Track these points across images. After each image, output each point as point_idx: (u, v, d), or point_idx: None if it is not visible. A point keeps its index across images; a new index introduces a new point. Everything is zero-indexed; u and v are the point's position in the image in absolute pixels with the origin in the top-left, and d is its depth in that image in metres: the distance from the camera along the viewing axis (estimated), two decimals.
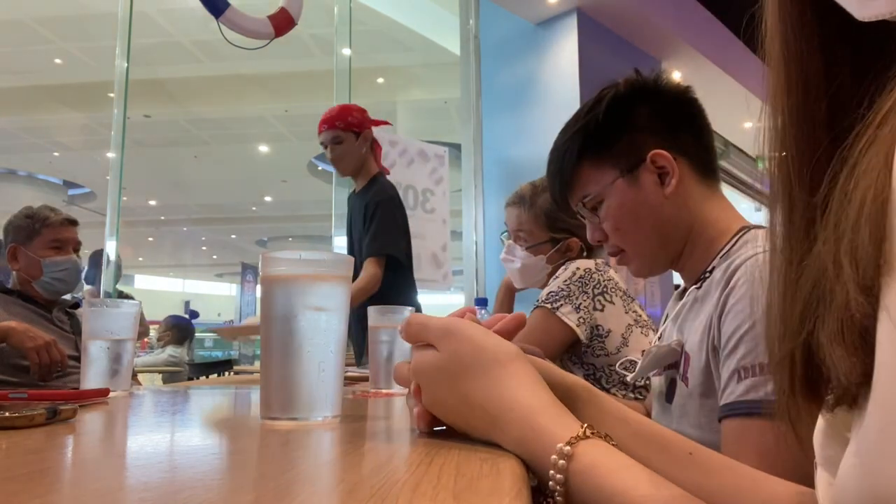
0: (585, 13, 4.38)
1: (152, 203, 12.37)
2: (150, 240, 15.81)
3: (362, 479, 0.36)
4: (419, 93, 7.41)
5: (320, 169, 9.58)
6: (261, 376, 0.61)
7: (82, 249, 2.10)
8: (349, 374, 1.38)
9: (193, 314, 8.24)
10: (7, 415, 0.53)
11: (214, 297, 21.39)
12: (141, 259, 18.33)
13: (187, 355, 5.05)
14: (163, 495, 0.32)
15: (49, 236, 1.98)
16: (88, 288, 4.03)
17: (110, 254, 3.56)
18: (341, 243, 2.90)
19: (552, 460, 0.38)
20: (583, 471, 0.37)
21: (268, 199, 12.58)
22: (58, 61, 6.86)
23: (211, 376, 4.68)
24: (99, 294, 3.60)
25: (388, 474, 0.36)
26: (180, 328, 5.06)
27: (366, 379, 1.20)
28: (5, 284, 2.01)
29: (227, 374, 4.80)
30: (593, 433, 0.40)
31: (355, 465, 0.41)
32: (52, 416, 0.56)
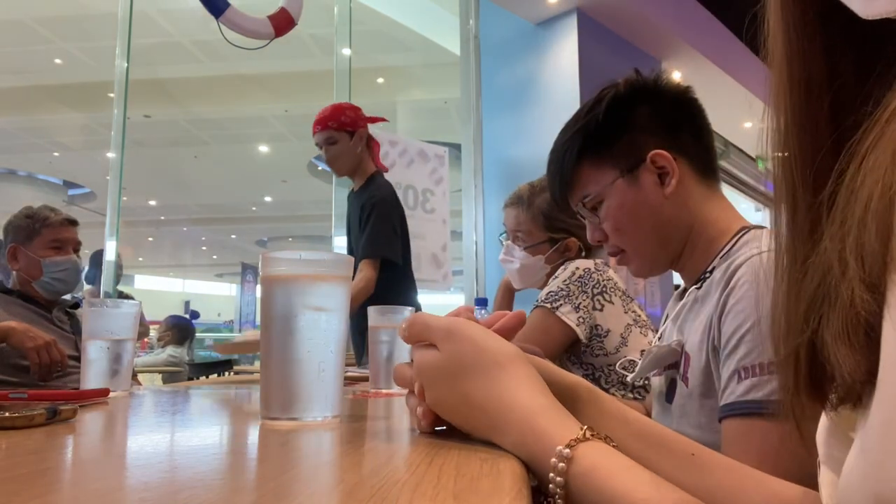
0: (585, 13, 4.38)
1: (152, 203, 12.37)
2: (150, 240, 15.81)
3: (362, 479, 0.36)
4: (419, 93, 7.41)
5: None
6: (261, 376, 0.61)
7: (82, 249, 2.10)
8: (349, 374, 1.38)
9: (194, 314, 8.24)
10: (7, 415, 0.53)
11: (214, 298, 21.39)
12: (141, 259, 18.33)
13: (187, 355, 5.05)
14: (163, 495, 0.32)
15: (49, 236, 1.98)
16: (88, 288, 4.03)
17: (110, 254, 3.56)
18: (341, 243, 2.90)
19: (552, 463, 0.38)
20: (583, 473, 0.37)
21: (268, 199, 12.57)
22: (58, 61, 6.85)
23: (211, 376, 4.68)
24: (99, 294, 3.60)
25: (388, 474, 0.36)
26: (180, 328, 5.06)
27: (366, 379, 1.20)
28: (5, 284, 2.01)
29: (227, 374, 4.80)
30: (593, 435, 0.39)
31: (355, 465, 0.41)
32: (52, 416, 0.56)
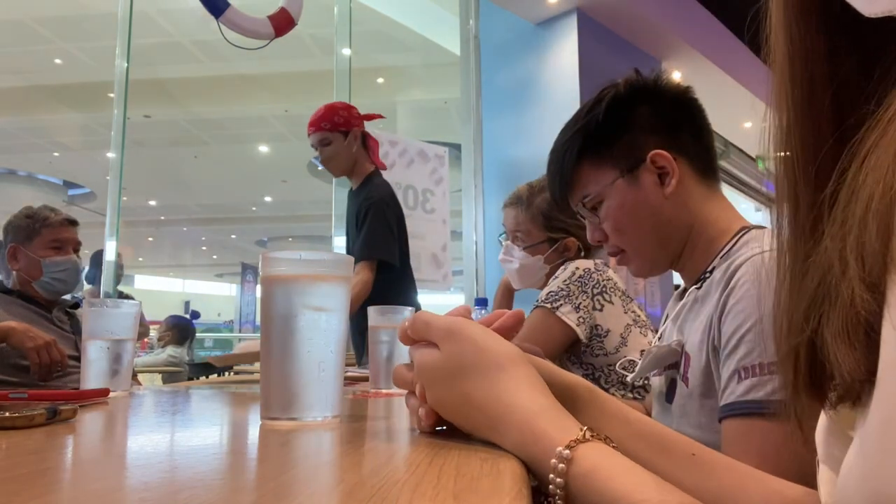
0: (585, 13, 4.38)
1: (152, 203, 12.36)
2: (150, 240, 15.80)
3: (362, 479, 0.36)
4: (419, 93, 7.40)
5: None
6: (261, 376, 0.61)
7: (82, 249, 2.10)
8: (349, 374, 1.38)
9: (195, 315, 8.24)
10: (7, 415, 0.53)
11: (214, 298, 21.38)
12: (141, 259, 18.33)
13: (187, 355, 5.04)
14: (163, 495, 0.32)
15: (49, 236, 1.98)
16: (88, 288, 4.03)
17: (110, 254, 3.56)
18: (341, 243, 2.89)
19: (552, 464, 0.38)
20: (583, 474, 0.37)
21: (268, 199, 12.57)
22: (58, 61, 6.85)
23: (211, 376, 4.68)
24: (99, 294, 3.60)
25: (388, 474, 0.36)
26: (180, 328, 5.06)
27: (366, 379, 1.20)
28: (5, 284, 2.01)
29: (227, 374, 4.79)
30: (593, 436, 0.39)
31: (355, 465, 0.41)
32: (52, 416, 0.56)
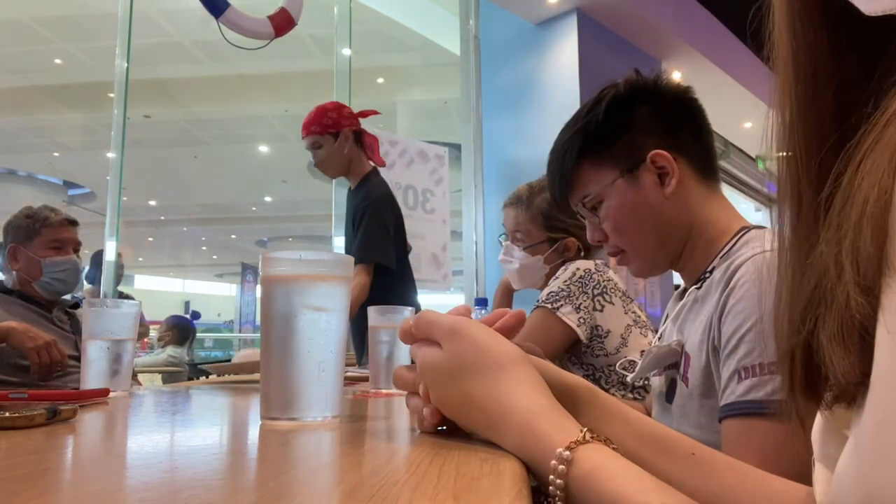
0: (585, 13, 4.38)
1: (152, 203, 12.36)
2: (150, 240, 15.79)
3: (362, 479, 0.36)
4: (419, 93, 7.40)
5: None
6: (261, 376, 0.61)
7: (83, 249, 2.10)
8: (349, 374, 1.38)
9: (195, 315, 8.23)
10: (7, 415, 0.53)
11: (214, 298, 21.37)
12: (141, 259, 18.32)
13: (188, 356, 5.04)
14: (163, 495, 0.32)
15: (49, 236, 1.98)
16: (88, 287, 4.03)
17: (110, 254, 3.56)
18: (341, 243, 2.89)
19: (552, 465, 0.38)
20: (583, 476, 0.37)
21: (268, 199, 12.56)
22: (58, 61, 6.85)
23: (211, 376, 4.67)
24: (99, 294, 3.60)
25: (388, 475, 0.36)
26: (180, 328, 5.06)
27: (366, 379, 1.20)
28: (5, 284, 2.01)
29: (227, 374, 4.79)
30: (594, 437, 0.39)
31: (355, 465, 0.41)
32: (52, 416, 0.56)
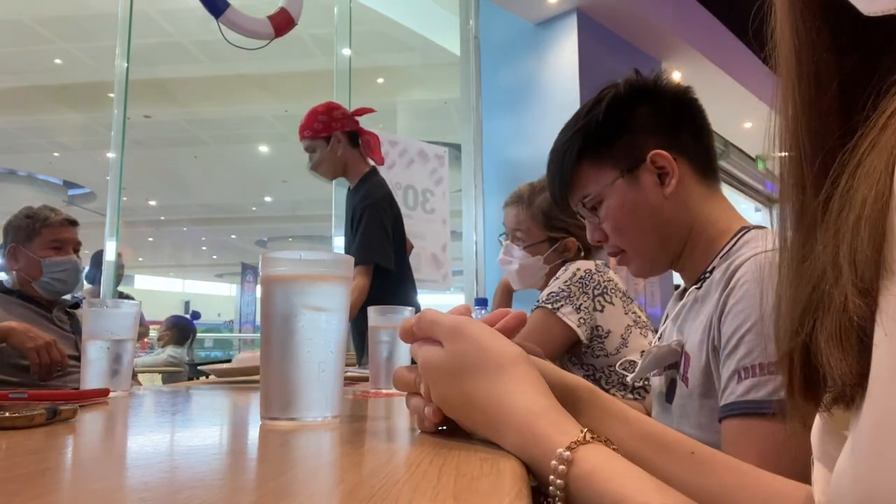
0: (585, 13, 4.38)
1: (152, 203, 12.35)
2: (150, 240, 15.79)
3: (362, 479, 0.36)
4: (419, 93, 7.39)
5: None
6: (261, 376, 0.60)
7: (83, 249, 2.10)
8: (349, 374, 1.38)
9: (195, 315, 8.22)
10: (7, 415, 0.53)
11: (214, 298, 21.36)
12: (141, 259, 18.31)
13: (188, 356, 5.04)
14: (163, 495, 0.32)
15: (49, 236, 1.98)
16: (88, 287, 4.03)
17: (110, 254, 3.56)
18: (341, 243, 2.89)
19: (552, 465, 0.38)
20: (583, 476, 0.37)
21: (268, 199, 12.56)
22: (58, 61, 6.84)
23: (211, 376, 4.67)
24: (99, 294, 3.60)
25: (388, 475, 0.36)
26: (180, 328, 5.06)
27: (366, 379, 1.20)
28: (5, 284, 2.01)
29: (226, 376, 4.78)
30: (594, 438, 0.39)
31: (355, 465, 0.41)
32: (52, 416, 0.56)
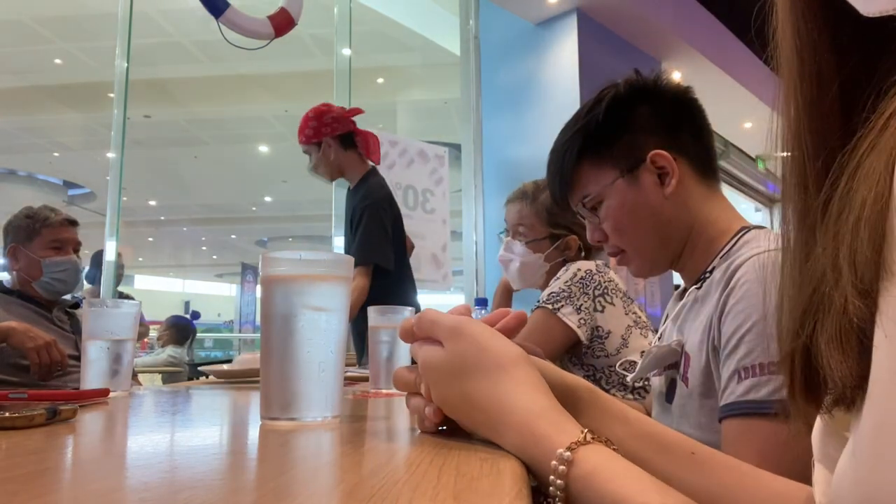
0: (585, 13, 4.38)
1: (152, 203, 12.35)
2: (150, 240, 15.79)
3: (362, 479, 0.36)
4: (419, 93, 7.39)
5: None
6: (261, 376, 0.60)
7: (83, 249, 2.10)
8: (349, 374, 1.38)
9: (195, 315, 8.23)
10: (7, 415, 0.53)
11: (214, 298, 21.35)
12: (141, 259, 18.31)
13: (187, 356, 5.04)
14: (163, 495, 0.32)
15: (49, 236, 1.98)
16: (88, 287, 4.03)
17: (110, 254, 3.56)
18: (341, 243, 2.90)
19: (552, 465, 0.38)
20: (584, 476, 0.37)
21: (268, 199, 12.56)
22: (58, 61, 6.84)
23: (211, 377, 4.66)
24: (99, 294, 3.60)
25: (388, 475, 0.36)
26: (180, 328, 5.05)
27: (366, 379, 1.20)
28: (5, 284, 2.01)
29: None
30: (594, 438, 0.39)
31: (355, 465, 0.41)
32: (52, 416, 0.56)
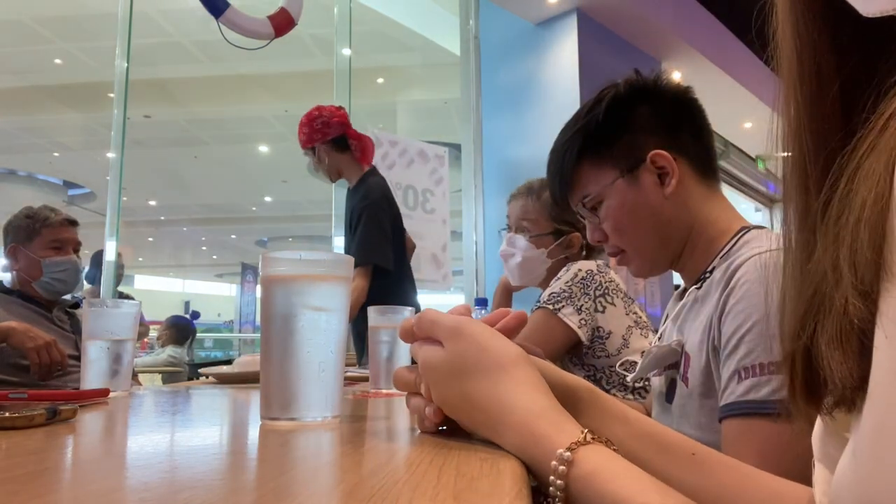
0: (585, 13, 4.38)
1: (152, 203, 12.35)
2: (150, 240, 15.78)
3: (362, 479, 0.36)
4: (419, 93, 7.39)
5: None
6: (261, 376, 0.60)
7: (83, 249, 2.10)
8: (349, 374, 1.38)
9: (195, 315, 8.23)
10: (7, 415, 0.53)
11: (214, 298, 21.35)
12: (141, 259, 18.31)
13: (187, 355, 5.04)
14: (163, 495, 0.32)
15: (49, 236, 1.98)
16: (88, 287, 4.03)
17: (110, 254, 3.56)
18: (341, 243, 2.90)
19: (552, 466, 0.38)
20: (584, 477, 0.37)
21: (268, 199, 12.56)
22: (58, 61, 6.84)
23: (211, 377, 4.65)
24: (99, 294, 3.60)
25: (388, 474, 0.36)
26: (180, 328, 5.05)
27: (366, 379, 1.20)
28: (5, 284, 2.01)
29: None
30: (594, 438, 0.39)
31: (355, 465, 0.41)
32: (52, 416, 0.56)
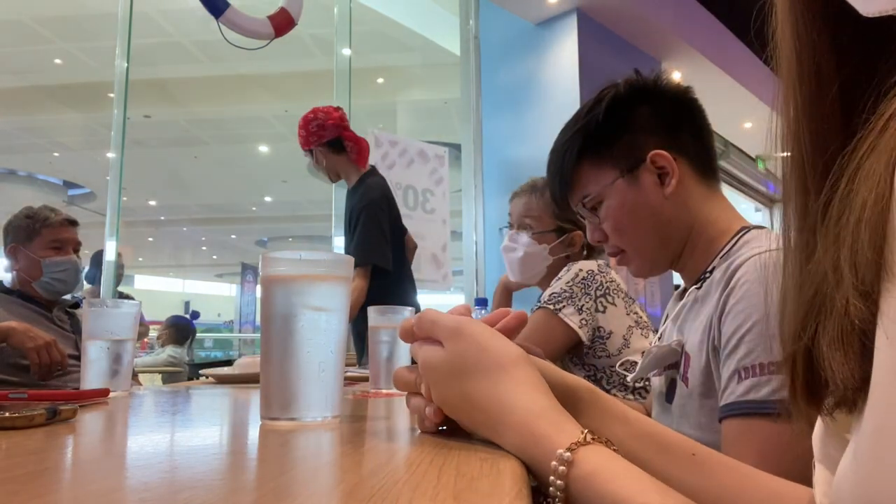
0: (585, 13, 4.38)
1: (152, 203, 12.35)
2: (150, 240, 15.78)
3: (362, 479, 0.36)
4: (419, 93, 7.39)
5: None
6: (261, 376, 0.60)
7: (83, 249, 2.10)
8: (349, 374, 1.38)
9: (195, 315, 8.23)
10: (7, 415, 0.53)
11: (214, 298, 21.35)
12: (141, 259, 18.31)
13: (187, 355, 5.04)
14: (163, 495, 0.32)
15: (49, 236, 1.99)
16: (88, 287, 4.03)
17: (110, 254, 3.56)
18: (341, 243, 2.91)
19: (552, 466, 0.38)
20: (584, 477, 0.37)
21: (268, 199, 12.56)
22: (58, 61, 6.84)
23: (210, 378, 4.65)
24: (99, 294, 3.60)
25: (388, 474, 0.36)
26: (180, 328, 5.05)
27: (366, 379, 1.20)
28: (5, 284, 2.01)
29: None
30: (594, 439, 0.39)
31: (355, 465, 0.41)
32: (52, 416, 0.56)
